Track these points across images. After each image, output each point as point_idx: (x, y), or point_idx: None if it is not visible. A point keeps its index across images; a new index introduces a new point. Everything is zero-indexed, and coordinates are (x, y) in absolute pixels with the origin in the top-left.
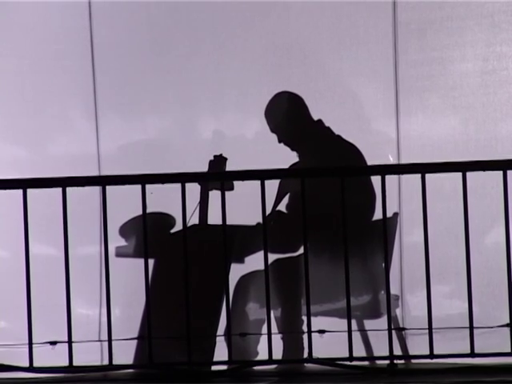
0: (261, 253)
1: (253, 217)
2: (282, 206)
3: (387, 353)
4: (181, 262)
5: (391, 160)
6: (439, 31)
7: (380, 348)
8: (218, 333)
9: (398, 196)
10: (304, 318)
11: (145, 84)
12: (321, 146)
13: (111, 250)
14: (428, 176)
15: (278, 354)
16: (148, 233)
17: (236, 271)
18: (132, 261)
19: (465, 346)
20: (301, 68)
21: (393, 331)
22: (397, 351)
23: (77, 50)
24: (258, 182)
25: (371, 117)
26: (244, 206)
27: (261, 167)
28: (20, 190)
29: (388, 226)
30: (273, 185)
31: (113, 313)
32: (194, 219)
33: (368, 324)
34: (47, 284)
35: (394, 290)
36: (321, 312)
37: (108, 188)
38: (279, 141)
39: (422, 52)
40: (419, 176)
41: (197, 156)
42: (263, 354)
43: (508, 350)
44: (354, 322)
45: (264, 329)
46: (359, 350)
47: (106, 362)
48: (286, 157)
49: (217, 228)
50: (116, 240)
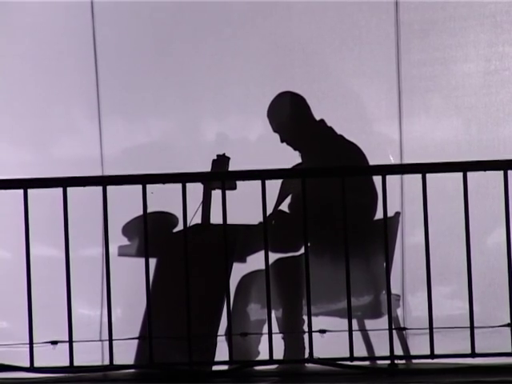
0: (262, 252)
1: (255, 216)
2: (285, 206)
3: (388, 353)
4: (182, 262)
5: (392, 160)
6: (442, 31)
7: (381, 348)
8: (219, 333)
9: (401, 196)
10: (305, 318)
11: (148, 85)
12: (323, 146)
13: (112, 251)
14: (430, 176)
15: (279, 354)
16: (150, 232)
17: (238, 271)
18: (133, 261)
19: (466, 346)
20: (303, 68)
21: (394, 331)
22: (398, 351)
23: (79, 51)
24: (260, 182)
25: (374, 117)
26: (246, 206)
27: (264, 168)
28: (21, 190)
29: (389, 226)
30: (274, 185)
31: (114, 313)
32: (197, 218)
33: (369, 324)
34: (49, 284)
35: (395, 290)
36: (322, 312)
37: (110, 188)
38: (282, 140)
39: (425, 52)
40: (421, 176)
41: (200, 158)
42: (264, 354)
43: (509, 350)
44: (355, 322)
45: (265, 329)
46: (360, 350)
47: (107, 362)
48: (289, 158)
49: (219, 227)
50: (117, 240)
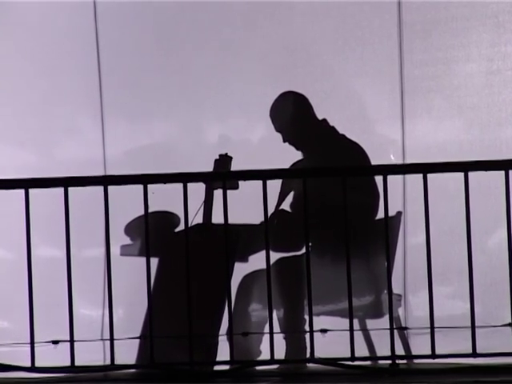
0: (264, 252)
1: (256, 216)
2: (287, 205)
3: (389, 353)
4: (184, 261)
5: (393, 160)
6: (444, 32)
7: (382, 348)
8: (220, 332)
9: (403, 196)
10: (306, 318)
11: (150, 86)
12: (325, 146)
13: (114, 251)
14: (432, 176)
15: (280, 354)
16: (152, 232)
17: (239, 270)
18: (135, 260)
19: (467, 346)
20: (306, 69)
21: (395, 331)
22: (399, 351)
23: (82, 51)
24: (261, 182)
25: (376, 117)
26: (247, 206)
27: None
28: (22, 190)
29: (391, 226)
30: (276, 185)
31: (115, 312)
32: (199, 218)
33: (370, 324)
34: (50, 284)
35: (397, 290)
36: (323, 311)
37: (111, 188)
38: (284, 140)
39: (427, 52)
40: (422, 176)
41: (202, 159)
42: (265, 354)
43: (510, 350)
44: (356, 322)
45: (266, 328)
46: (361, 350)
47: (108, 362)
48: (291, 159)
49: (221, 227)
50: (119, 240)
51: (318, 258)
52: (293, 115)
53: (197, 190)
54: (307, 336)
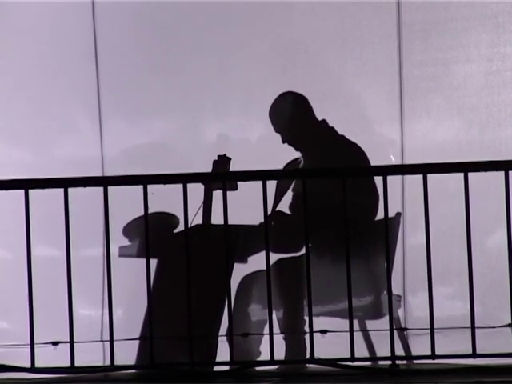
0: (263, 253)
1: (256, 217)
2: (285, 206)
3: (389, 353)
4: (184, 262)
5: (393, 160)
6: (443, 32)
7: (382, 348)
8: (220, 333)
9: (402, 197)
10: (306, 319)
11: (148, 85)
12: (325, 146)
13: (113, 251)
14: (432, 177)
15: (280, 355)
16: (151, 233)
17: (239, 271)
18: (134, 261)
19: (467, 347)
20: (305, 69)
21: (395, 332)
22: (399, 352)
23: (80, 51)
24: (261, 183)
25: (375, 117)
26: (247, 206)
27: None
28: (22, 191)
29: (390, 227)
30: (274, 185)
31: (115, 313)
32: (198, 219)
33: (370, 324)
34: (49, 285)
35: (396, 291)
36: (323, 312)
37: (110, 189)
38: (283, 141)
39: (427, 53)
40: (422, 177)
41: (201, 158)
42: (265, 355)
43: (510, 351)
44: (356, 323)
45: (266, 329)
46: (361, 351)
47: (108, 363)
48: (290, 159)
49: (220, 228)
50: (118, 240)
51: (318, 259)
52: (292, 115)
53: (195, 191)
54: (307, 337)
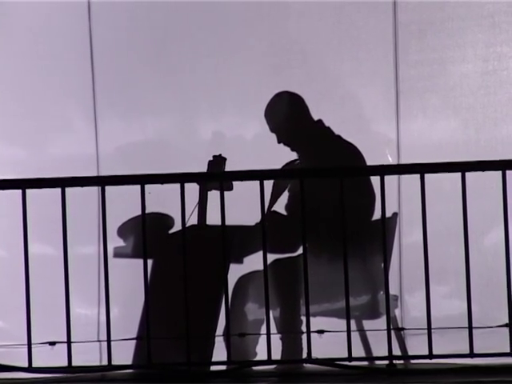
0: (260, 253)
1: (252, 217)
2: (281, 207)
3: (386, 353)
4: (179, 263)
5: (390, 160)
6: (439, 32)
7: (379, 348)
8: (217, 333)
9: (398, 196)
10: (303, 318)
11: (144, 85)
12: (321, 146)
13: (110, 250)
14: (428, 176)
15: (277, 355)
16: (146, 233)
17: (235, 271)
18: (131, 261)
19: (464, 347)
20: (301, 69)
21: (392, 331)
22: (396, 351)
23: (76, 50)
24: (257, 183)
25: (371, 117)
26: (243, 207)
27: (260, 168)
28: (19, 190)
29: (387, 226)
30: (270, 185)
31: (112, 313)
32: (193, 219)
33: (367, 324)
34: (46, 284)
35: (393, 290)
36: (320, 312)
37: (107, 188)
38: (279, 141)
39: (423, 53)
40: (419, 176)
41: (196, 157)
42: (262, 355)
43: (507, 350)
44: (353, 322)
45: (263, 329)
46: (358, 351)
47: (105, 363)
48: (286, 158)
49: (216, 228)
50: (115, 240)
51: (314, 259)
52: (288, 115)
53: (191, 191)
54: (304, 336)
